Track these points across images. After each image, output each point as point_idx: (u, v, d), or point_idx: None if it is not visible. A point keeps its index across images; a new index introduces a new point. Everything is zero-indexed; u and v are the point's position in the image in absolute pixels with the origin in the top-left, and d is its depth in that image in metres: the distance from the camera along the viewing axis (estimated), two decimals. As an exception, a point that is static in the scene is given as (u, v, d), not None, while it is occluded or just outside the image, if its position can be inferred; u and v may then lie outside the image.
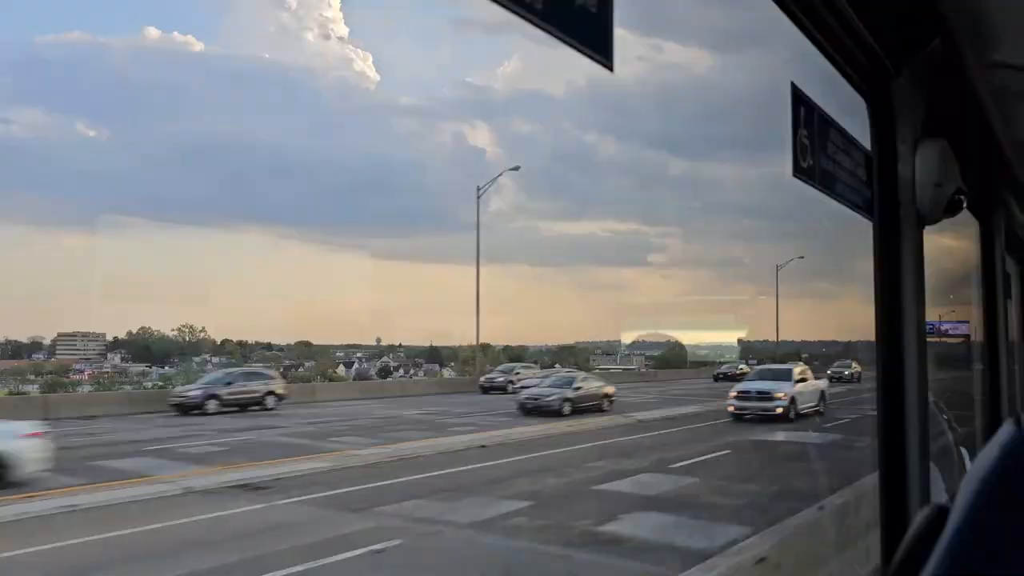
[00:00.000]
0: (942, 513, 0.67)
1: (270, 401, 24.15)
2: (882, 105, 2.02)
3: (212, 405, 22.10)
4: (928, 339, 2.07)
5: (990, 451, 0.64)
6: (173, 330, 54.76)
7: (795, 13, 1.58)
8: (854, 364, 44.85)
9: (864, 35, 1.73)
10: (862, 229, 2.03)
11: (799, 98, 1.71)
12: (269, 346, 58.29)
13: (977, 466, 0.65)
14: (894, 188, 2.00)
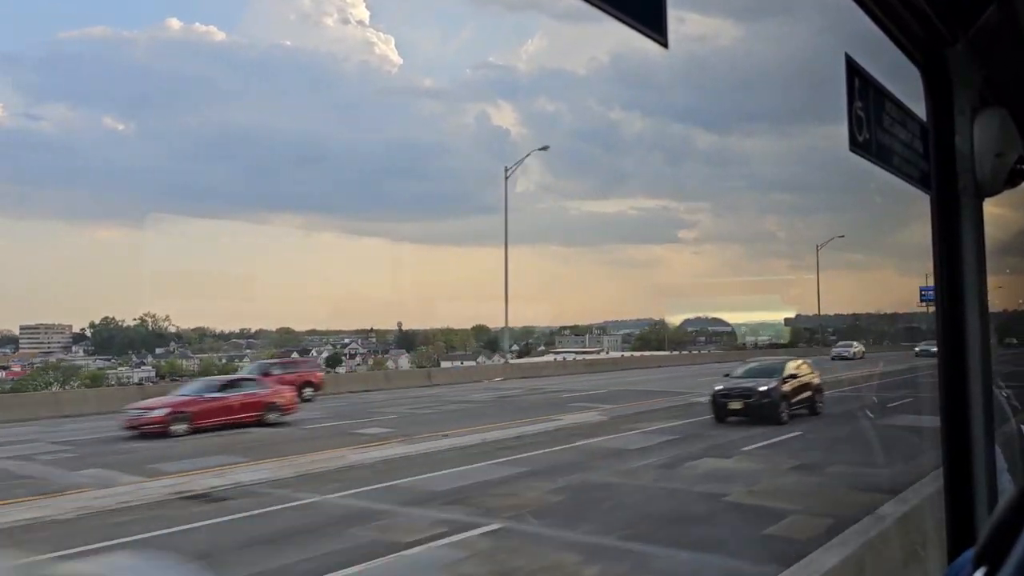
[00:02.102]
0: None
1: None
2: (938, 75, 1.95)
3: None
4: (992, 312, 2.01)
5: None
6: (135, 319, 53.65)
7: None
8: (855, 344, 46.30)
9: (919, 2, 1.67)
10: (898, 200, 1.97)
11: (854, 70, 1.66)
12: (242, 334, 57.40)
13: None
14: (952, 160, 1.93)
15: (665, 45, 0.97)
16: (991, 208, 2.16)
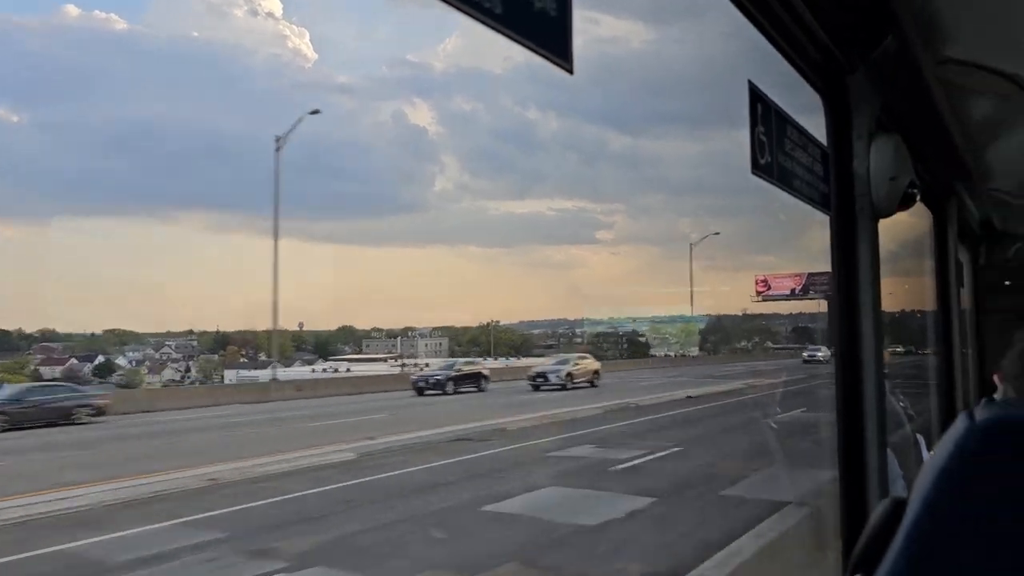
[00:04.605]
0: (900, 506, 0.69)
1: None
2: (838, 101, 2.05)
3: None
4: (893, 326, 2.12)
5: (945, 444, 0.66)
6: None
7: (750, 11, 1.60)
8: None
9: (819, 33, 1.76)
10: (804, 208, 2.06)
11: (756, 96, 1.73)
12: (70, 336, 54.57)
13: (934, 459, 0.67)
14: (850, 183, 2.04)
15: (570, 71, 1.00)
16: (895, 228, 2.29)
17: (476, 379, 36.54)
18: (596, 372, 37.60)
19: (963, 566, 0.63)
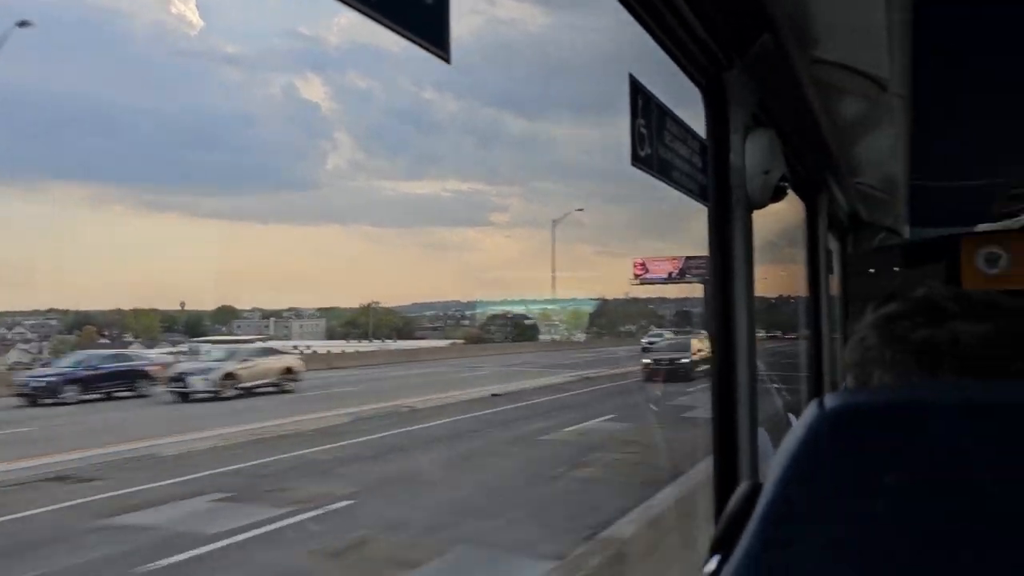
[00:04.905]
0: (757, 489, 0.71)
1: None
2: (716, 96, 2.13)
3: None
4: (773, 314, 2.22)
5: (797, 430, 0.69)
6: None
7: (633, 5, 1.63)
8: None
9: (699, 30, 1.82)
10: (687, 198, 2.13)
11: (637, 89, 1.77)
12: None
13: (785, 444, 0.69)
14: (727, 175, 2.12)
15: (447, 60, 0.99)
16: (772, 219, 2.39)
17: (129, 378, 25.77)
18: (289, 370, 27.89)
19: (811, 547, 0.66)
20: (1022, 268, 5.73)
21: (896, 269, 6.06)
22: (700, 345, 27.80)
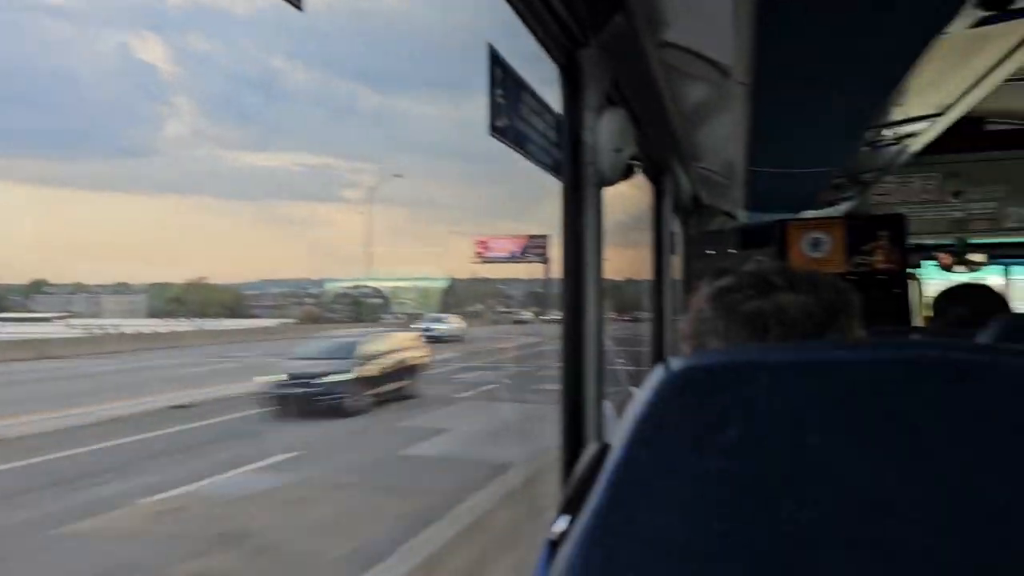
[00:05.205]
0: (605, 450, 0.73)
1: None
2: (572, 74, 2.16)
3: None
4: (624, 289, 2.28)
5: (642, 391, 0.71)
6: None
7: (493, -25, 1.62)
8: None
9: (557, 6, 1.84)
10: (546, 178, 2.16)
11: (496, 60, 1.77)
12: None
13: (632, 405, 0.71)
14: (580, 151, 2.16)
15: (299, 7, 0.95)
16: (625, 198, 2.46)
17: None
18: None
19: (654, 504, 0.68)
20: (840, 253, 6.24)
21: (732, 251, 6.44)
22: (390, 346, 19.31)
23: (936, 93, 3.27)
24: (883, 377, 0.63)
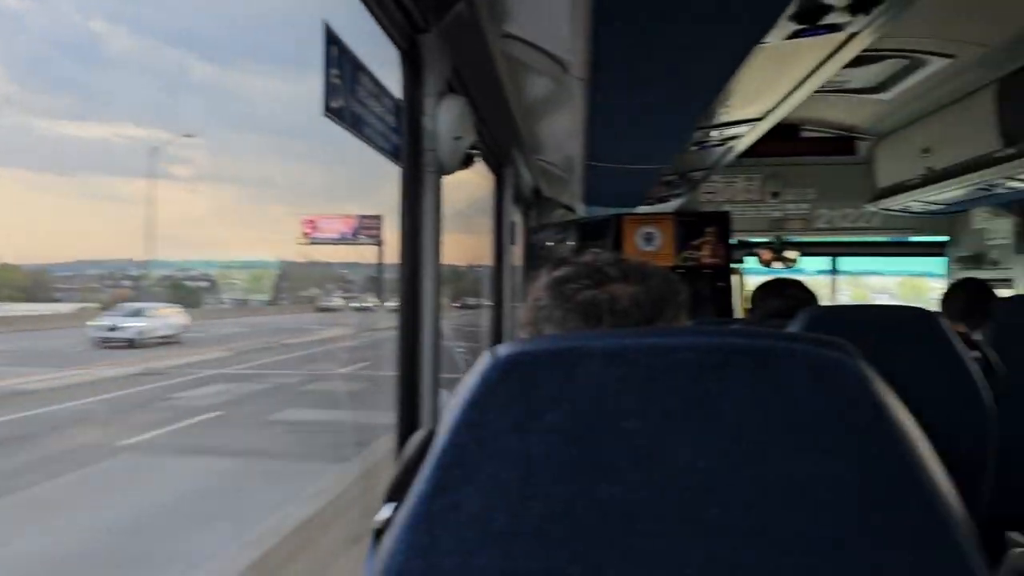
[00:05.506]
0: (431, 436, 0.73)
1: None
2: (413, 59, 2.14)
3: None
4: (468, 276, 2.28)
5: (469, 377, 0.71)
6: None
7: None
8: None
9: (398, -12, 1.81)
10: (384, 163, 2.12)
11: (332, 39, 1.72)
12: None
13: (458, 391, 0.71)
14: (419, 138, 2.15)
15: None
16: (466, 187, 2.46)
17: None
18: None
19: (477, 488, 0.69)
20: (671, 247, 6.58)
21: (570, 243, 6.63)
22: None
23: (758, 99, 3.50)
24: (695, 364, 0.67)
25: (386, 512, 0.81)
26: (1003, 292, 5.26)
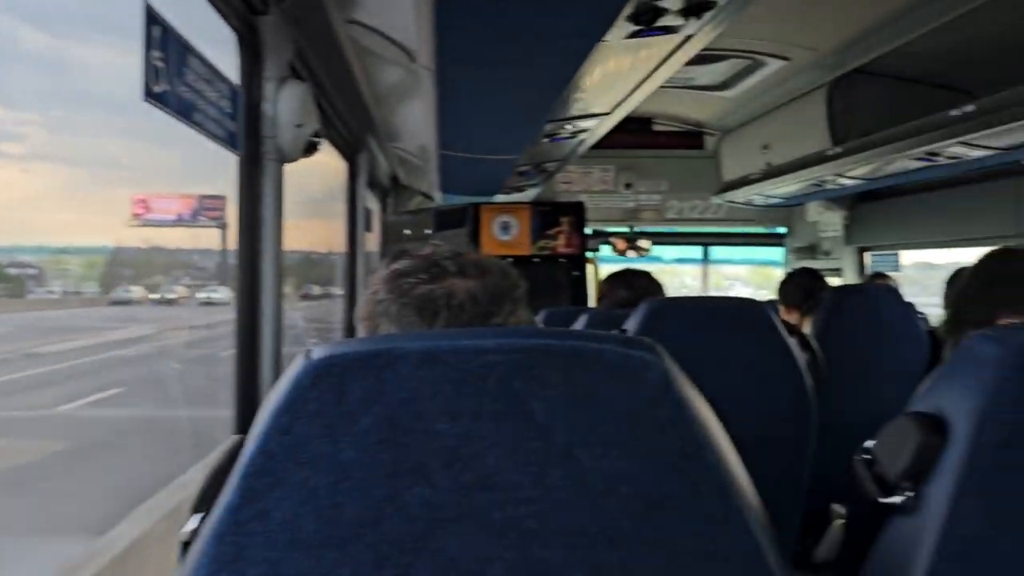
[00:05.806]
0: (241, 443, 0.70)
1: None
2: (251, 42, 2.05)
3: None
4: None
5: (281, 381, 0.69)
6: None
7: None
8: None
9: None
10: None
11: (154, 18, 1.62)
12: None
13: (271, 395, 0.69)
14: (258, 125, 2.07)
15: None
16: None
17: None
18: None
19: (287, 495, 0.68)
20: (527, 236, 6.68)
21: (428, 231, 6.61)
22: None
23: (605, 93, 3.59)
24: (505, 365, 0.68)
25: (193, 523, 0.78)
26: (834, 280, 5.71)
